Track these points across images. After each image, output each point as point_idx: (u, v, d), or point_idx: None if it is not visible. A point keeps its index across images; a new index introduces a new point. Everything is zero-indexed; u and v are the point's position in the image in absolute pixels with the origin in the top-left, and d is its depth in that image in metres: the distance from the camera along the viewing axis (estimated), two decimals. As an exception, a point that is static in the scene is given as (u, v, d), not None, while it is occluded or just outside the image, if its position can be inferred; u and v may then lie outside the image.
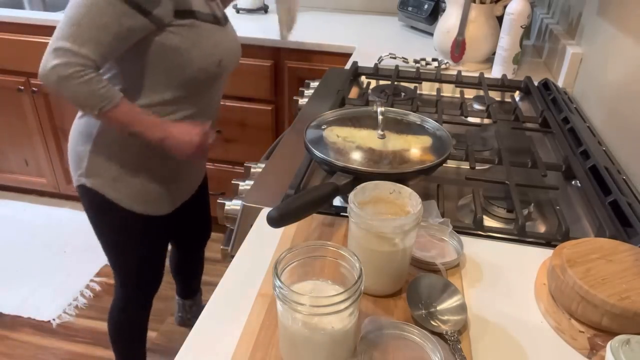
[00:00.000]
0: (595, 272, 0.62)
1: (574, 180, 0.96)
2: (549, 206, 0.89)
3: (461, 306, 0.64)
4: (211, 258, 2.10)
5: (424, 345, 0.57)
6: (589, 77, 1.32)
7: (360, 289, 0.52)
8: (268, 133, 2.04)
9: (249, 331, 0.61)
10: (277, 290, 0.51)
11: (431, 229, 0.77)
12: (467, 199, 0.91)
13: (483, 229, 0.81)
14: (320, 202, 0.74)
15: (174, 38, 1.06)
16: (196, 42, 1.09)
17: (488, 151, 1.08)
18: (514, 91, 1.41)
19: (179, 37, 1.06)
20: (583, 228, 0.86)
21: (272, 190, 0.90)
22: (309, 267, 0.58)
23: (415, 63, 1.57)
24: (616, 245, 0.67)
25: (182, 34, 1.06)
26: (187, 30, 1.07)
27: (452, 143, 0.86)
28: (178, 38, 1.06)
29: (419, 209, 0.63)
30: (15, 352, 1.80)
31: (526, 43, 1.80)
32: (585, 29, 1.38)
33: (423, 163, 0.81)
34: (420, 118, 0.93)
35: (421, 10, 1.92)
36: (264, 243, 0.77)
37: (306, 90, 1.43)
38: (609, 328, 0.59)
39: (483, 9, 1.53)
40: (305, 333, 0.53)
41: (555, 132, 1.10)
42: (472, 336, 0.62)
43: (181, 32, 1.06)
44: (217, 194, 2.13)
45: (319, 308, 0.51)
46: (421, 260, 0.71)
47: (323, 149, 0.83)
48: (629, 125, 1.04)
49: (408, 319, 0.63)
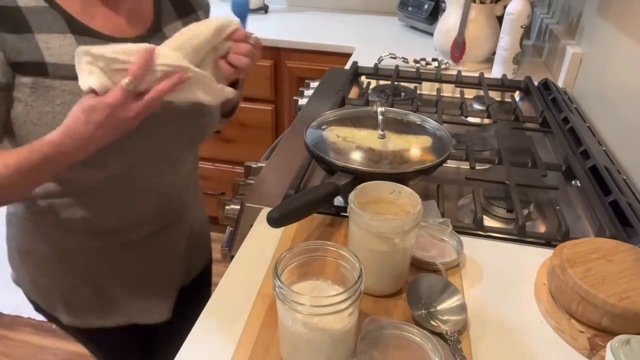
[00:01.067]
0: (595, 272, 0.61)
1: (574, 180, 0.96)
2: (549, 206, 0.89)
3: (461, 306, 0.64)
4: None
5: (424, 345, 0.57)
6: (589, 77, 1.32)
7: (360, 289, 0.52)
8: (268, 133, 2.04)
9: (249, 331, 0.61)
10: (277, 290, 0.51)
11: (431, 229, 0.77)
12: (467, 199, 0.91)
13: (483, 229, 0.81)
14: (320, 202, 0.74)
15: (17, 106, 0.72)
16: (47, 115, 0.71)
17: (488, 151, 1.08)
18: (514, 91, 1.41)
19: (22, 105, 0.72)
20: (583, 228, 0.86)
21: (272, 190, 0.90)
22: (309, 267, 0.58)
23: (415, 63, 1.57)
24: (616, 245, 0.67)
25: (26, 99, 0.71)
26: (32, 94, 0.71)
27: (452, 143, 0.86)
28: (21, 106, 0.72)
29: (419, 209, 0.63)
30: (15, 352, 1.80)
31: (526, 43, 1.80)
32: (585, 29, 1.38)
33: (423, 163, 0.81)
34: (420, 118, 0.93)
35: (421, 10, 1.92)
36: (264, 243, 0.77)
37: (306, 90, 1.43)
38: (609, 328, 0.59)
39: (483, 9, 1.53)
40: (305, 333, 0.53)
41: (555, 132, 1.10)
42: (472, 336, 0.62)
43: (25, 97, 0.71)
44: (217, 194, 2.13)
45: (319, 308, 0.51)
46: (421, 260, 0.71)
47: (323, 149, 0.83)
48: (629, 125, 1.04)
49: (408, 319, 0.63)
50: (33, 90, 0.71)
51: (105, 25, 0.77)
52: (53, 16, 0.73)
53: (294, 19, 2.20)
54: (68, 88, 0.72)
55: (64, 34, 0.73)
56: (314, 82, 1.46)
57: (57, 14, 0.73)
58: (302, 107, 1.29)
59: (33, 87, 0.71)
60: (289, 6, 2.37)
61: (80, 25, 0.74)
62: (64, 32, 0.73)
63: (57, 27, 0.73)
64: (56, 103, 0.72)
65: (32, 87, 0.71)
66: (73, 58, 0.68)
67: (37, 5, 0.72)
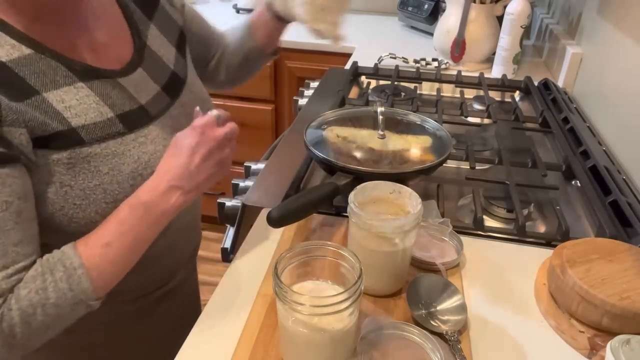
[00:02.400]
0: (595, 272, 0.61)
1: (574, 180, 0.96)
2: (549, 206, 0.89)
3: (461, 306, 0.64)
4: (211, 258, 2.10)
5: (424, 345, 0.57)
6: (589, 77, 1.32)
7: (360, 289, 0.52)
8: (268, 133, 2.04)
9: (249, 331, 0.61)
10: (277, 290, 0.51)
11: (431, 229, 0.77)
12: (467, 199, 0.91)
13: (483, 229, 0.81)
14: (320, 202, 0.74)
15: (45, 191, 0.59)
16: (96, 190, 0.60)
17: (488, 151, 1.08)
18: (514, 91, 1.41)
19: (54, 189, 0.59)
20: (583, 228, 0.86)
21: (272, 190, 0.90)
22: (309, 267, 0.58)
23: (415, 63, 1.57)
24: (616, 245, 0.67)
25: (61, 180, 0.59)
26: (69, 171, 0.59)
27: (452, 143, 0.86)
28: (53, 190, 0.59)
29: (419, 209, 0.63)
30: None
31: (526, 43, 1.80)
32: (585, 29, 1.38)
33: (423, 163, 0.81)
34: (420, 118, 0.93)
35: (421, 10, 1.92)
36: (264, 243, 0.77)
37: (306, 90, 1.43)
38: (609, 328, 0.59)
39: (483, 9, 1.53)
40: (305, 333, 0.53)
41: (555, 132, 1.10)
42: (472, 336, 0.62)
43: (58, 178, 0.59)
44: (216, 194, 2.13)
45: (319, 308, 0.51)
46: (421, 260, 0.71)
47: (323, 149, 0.83)
48: (629, 125, 1.04)
49: (408, 319, 0.63)
50: (69, 167, 0.58)
51: (98, 58, 0.64)
52: (48, 64, 0.58)
53: (294, 19, 2.20)
54: (110, 151, 0.60)
55: (74, 85, 0.60)
56: (314, 82, 1.46)
57: (51, 60, 0.59)
58: (302, 107, 1.29)
59: (70, 163, 0.58)
60: (289, 6, 2.36)
61: (81, 67, 0.61)
62: (71, 82, 0.59)
63: (61, 77, 0.59)
64: (103, 172, 0.60)
65: (69, 163, 0.58)
66: (99, 113, 0.59)
67: (23, 55, 0.56)
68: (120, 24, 0.71)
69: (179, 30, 0.82)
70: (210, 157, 0.61)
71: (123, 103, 0.64)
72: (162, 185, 0.59)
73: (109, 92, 0.63)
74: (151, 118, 0.67)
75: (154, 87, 0.70)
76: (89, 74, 0.62)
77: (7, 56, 0.55)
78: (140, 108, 0.66)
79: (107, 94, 0.63)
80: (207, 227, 2.34)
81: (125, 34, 0.71)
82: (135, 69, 0.68)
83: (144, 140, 0.65)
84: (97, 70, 0.63)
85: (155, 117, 0.68)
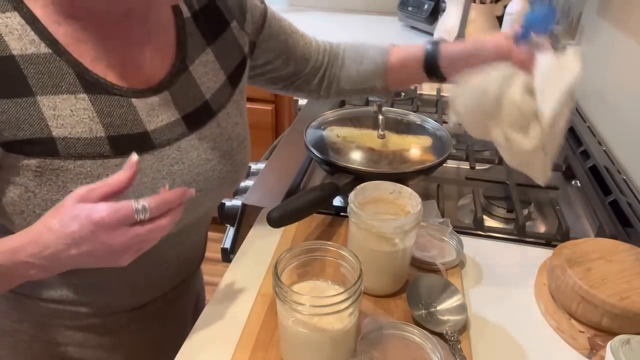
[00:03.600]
0: (595, 272, 0.61)
1: (574, 180, 0.96)
2: (549, 206, 0.89)
3: (461, 306, 0.64)
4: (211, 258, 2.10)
5: (424, 345, 0.57)
6: (589, 77, 1.32)
7: (360, 289, 0.52)
8: (268, 133, 2.04)
9: (249, 331, 0.61)
10: (277, 290, 0.51)
11: (431, 229, 0.77)
12: (467, 199, 0.91)
13: (483, 229, 0.81)
14: (320, 202, 0.74)
15: (11, 190, 0.56)
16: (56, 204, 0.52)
17: (488, 151, 1.08)
18: (514, 91, 1.41)
19: (20, 191, 0.56)
20: (583, 228, 0.86)
21: (272, 190, 0.90)
22: (309, 267, 0.58)
23: (415, 63, 1.57)
24: (616, 245, 0.67)
25: (27, 184, 0.55)
26: (36, 179, 0.55)
27: (452, 143, 0.86)
28: (18, 192, 0.56)
29: (419, 209, 0.63)
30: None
31: (526, 43, 1.80)
32: (585, 29, 1.38)
33: (423, 163, 0.81)
34: (420, 118, 0.93)
35: (421, 10, 1.92)
36: (264, 243, 0.77)
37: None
38: (609, 328, 0.59)
39: (483, 9, 1.53)
40: (305, 333, 0.53)
41: (555, 132, 1.10)
42: (472, 336, 0.62)
43: (25, 182, 0.55)
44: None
45: (319, 308, 0.51)
46: (421, 260, 0.71)
47: (323, 149, 0.83)
48: (629, 125, 1.04)
49: (408, 319, 0.63)
50: (37, 175, 0.54)
51: (123, 74, 0.60)
52: (59, 68, 0.55)
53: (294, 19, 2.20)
54: (84, 170, 0.56)
55: (75, 95, 0.55)
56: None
57: (64, 64, 0.55)
58: (302, 107, 1.29)
59: (38, 171, 0.54)
60: (289, 6, 2.37)
61: (95, 79, 0.57)
62: (74, 91, 0.55)
63: (66, 84, 0.55)
64: (69, 190, 0.55)
65: (37, 171, 0.54)
66: (89, 129, 0.54)
67: (38, 53, 0.54)
68: (168, 45, 0.66)
69: (242, 57, 0.74)
70: (91, 256, 0.50)
71: (123, 125, 0.59)
72: (20, 254, 0.50)
73: (112, 111, 0.58)
74: (152, 147, 0.61)
75: (173, 114, 0.63)
76: (100, 87, 0.57)
77: (21, 50, 0.53)
78: (143, 134, 0.60)
79: (108, 112, 0.58)
80: (207, 227, 2.35)
81: (169, 56, 0.65)
82: (159, 93, 0.62)
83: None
84: (110, 85, 0.58)
85: (157, 147, 0.61)
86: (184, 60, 0.66)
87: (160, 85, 0.63)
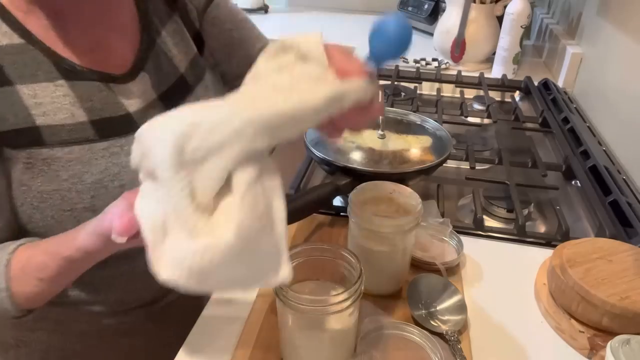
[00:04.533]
0: (595, 272, 0.61)
1: (574, 180, 0.96)
2: (549, 206, 0.89)
3: (461, 306, 0.64)
4: (211, 258, 2.10)
5: (424, 345, 0.57)
6: (589, 77, 1.32)
7: (360, 289, 0.52)
8: (268, 133, 2.04)
9: (249, 331, 0.61)
10: (277, 290, 0.51)
11: (431, 229, 0.77)
12: (467, 199, 0.91)
13: (483, 229, 0.81)
14: (320, 202, 0.74)
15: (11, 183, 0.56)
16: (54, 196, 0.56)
17: (488, 151, 1.08)
18: (514, 91, 1.41)
19: (16, 184, 0.56)
20: (583, 228, 0.86)
21: (272, 190, 0.89)
22: (309, 267, 0.58)
23: (415, 63, 1.57)
24: (616, 245, 0.67)
25: (20, 178, 0.56)
26: (27, 172, 0.56)
27: (452, 143, 0.86)
28: (15, 184, 0.56)
29: (419, 209, 0.63)
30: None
31: (526, 43, 1.80)
32: (585, 29, 1.38)
33: (423, 163, 0.81)
34: (420, 118, 0.93)
35: (421, 10, 1.92)
36: (264, 243, 0.77)
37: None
38: (609, 328, 0.59)
39: (483, 9, 1.53)
40: (305, 333, 0.53)
41: (555, 132, 1.10)
42: (472, 336, 0.62)
43: (18, 175, 0.56)
44: (217, 194, 2.12)
45: (319, 308, 0.51)
46: (421, 260, 0.71)
47: (323, 149, 0.83)
48: (629, 125, 1.04)
49: (408, 319, 0.63)
50: (28, 167, 0.54)
51: (95, 60, 0.59)
52: (34, 58, 0.55)
53: (294, 19, 2.20)
54: (73, 156, 0.55)
55: (54, 82, 0.55)
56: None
57: (38, 53, 0.55)
58: (302, 107, 1.29)
59: (28, 162, 0.54)
60: (289, 6, 2.37)
61: (71, 66, 0.57)
62: (53, 78, 0.55)
63: (43, 72, 0.55)
64: (62, 178, 0.55)
65: (28, 162, 0.54)
66: (71, 115, 0.54)
67: (12, 44, 0.54)
68: (131, 19, 0.65)
69: (196, 31, 0.73)
70: None
71: (104, 108, 0.58)
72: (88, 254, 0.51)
73: (92, 96, 0.58)
74: (136, 128, 0.61)
75: (150, 95, 0.63)
76: (76, 74, 0.57)
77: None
78: (125, 116, 0.60)
79: (88, 97, 0.58)
80: (207, 227, 2.35)
81: (133, 27, 0.65)
82: (137, 75, 0.62)
83: (117, 151, 0.59)
84: (87, 71, 0.58)
85: None
86: (150, 32, 0.65)
87: (135, 66, 0.63)
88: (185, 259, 0.37)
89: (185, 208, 0.38)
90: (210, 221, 0.38)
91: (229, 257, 0.38)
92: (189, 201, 0.38)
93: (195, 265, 0.37)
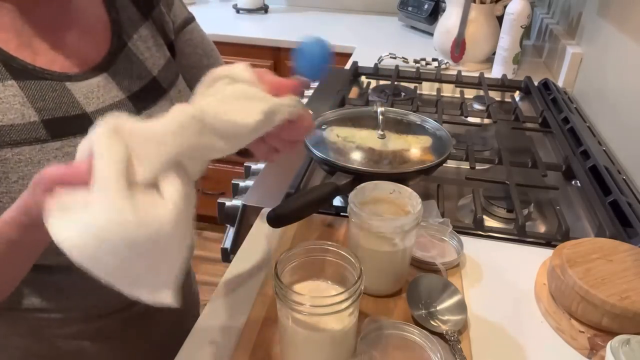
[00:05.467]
0: (595, 272, 0.61)
1: (574, 180, 0.96)
2: (549, 206, 0.89)
3: (461, 306, 0.64)
4: (211, 258, 2.10)
5: (424, 345, 0.57)
6: (589, 77, 1.32)
7: (360, 289, 0.52)
8: (268, 133, 2.04)
9: (249, 331, 0.61)
10: (277, 290, 0.51)
11: (431, 229, 0.77)
12: (467, 199, 0.91)
13: (483, 229, 0.81)
14: (320, 202, 0.74)
15: None
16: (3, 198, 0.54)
17: (488, 151, 1.08)
18: (514, 91, 1.41)
19: None
20: (583, 228, 0.86)
21: (272, 190, 0.90)
22: (309, 267, 0.58)
23: (415, 63, 1.57)
24: (616, 245, 0.67)
25: None
26: None
27: (452, 143, 0.86)
28: None
29: (419, 209, 0.63)
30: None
31: (526, 43, 1.80)
32: (585, 29, 1.38)
33: (423, 163, 0.81)
34: (420, 118, 0.93)
35: (421, 10, 1.92)
36: (264, 243, 0.77)
37: (306, 90, 1.42)
38: (609, 328, 0.59)
39: (483, 9, 1.53)
40: (305, 333, 0.53)
41: (555, 132, 1.10)
42: (472, 336, 0.62)
43: None
44: (216, 194, 2.13)
45: (319, 308, 0.51)
46: (421, 260, 0.71)
47: (323, 149, 0.83)
48: (629, 125, 1.04)
49: (408, 319, 0.63)
50: None
51: (53, 59, 0.58)
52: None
53: (294, 19, 2.20)
54: (23, 157, 0.54)
55: (3, 82, 0.54)
56: (314, 82, 1.46)
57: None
58: (302, 107, 1.29)
59: None
60: (289, 6, 2.37)
61: (22, 65, 0.55)
62: (1, 78, 0.54)
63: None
64: (12, 180, 0.53)
65: None
66: (21, 115, 0.53)
67: None
68: (101, 24, 0.64)
69: (170, 41, 0.73)
70: None
71: (57, 108, 0.57)
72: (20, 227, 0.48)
73: (45, 95, 0.56)
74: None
75: (116, 95, 0.62)
76: (28, 74, 0.56)
77: None
78: (82, 116, 0.58)
79: (40, 96, 0.56)
80: (207, 227, 2.34)
81: (104, 33, 0.64)
82: (97, 75, 0.61)
83: (71, 151, 0.56)
84: (40, 71, 0.57)
85: None
86: (121, 36, 0.64)
87: (98, 67, 0.62)
88: (96, 227, 0.36)
89: (118, 178, 0.37)
90: (138, 201, 0.38)
91: (142, 244, 0.37)
92: (123, 172, 0.38)
93: (104, 235, 0.36)
